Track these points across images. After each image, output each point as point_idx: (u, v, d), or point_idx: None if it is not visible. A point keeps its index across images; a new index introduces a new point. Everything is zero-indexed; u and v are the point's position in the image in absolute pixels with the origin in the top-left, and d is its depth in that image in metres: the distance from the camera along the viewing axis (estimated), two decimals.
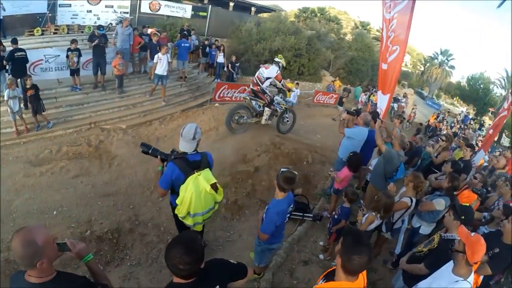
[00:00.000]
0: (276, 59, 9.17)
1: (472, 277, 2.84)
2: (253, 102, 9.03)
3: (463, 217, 3.53)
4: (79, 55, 10.03)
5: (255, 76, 9.08)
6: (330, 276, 2.37)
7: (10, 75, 8.72)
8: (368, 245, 2.16)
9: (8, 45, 9.18)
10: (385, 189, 5.60)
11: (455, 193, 4.91)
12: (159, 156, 3.85)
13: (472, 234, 2.85)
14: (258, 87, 8.90)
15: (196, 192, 3.52)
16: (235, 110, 9.20)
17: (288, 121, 10.07)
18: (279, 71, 9.02)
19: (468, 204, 4.15)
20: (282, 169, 3.62)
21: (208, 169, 3.72)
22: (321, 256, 5.28)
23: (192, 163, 3.65)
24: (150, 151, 3.91)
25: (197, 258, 1.94)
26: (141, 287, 4.57)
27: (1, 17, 11.67)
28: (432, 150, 7.47)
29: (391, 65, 6.73)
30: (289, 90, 10.15)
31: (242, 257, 5.14)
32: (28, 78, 8.45)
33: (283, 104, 9.37)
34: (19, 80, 8.78)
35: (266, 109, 9.15)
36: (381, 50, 7.28)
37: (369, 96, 19.56)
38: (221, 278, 2.26)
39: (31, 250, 1.83)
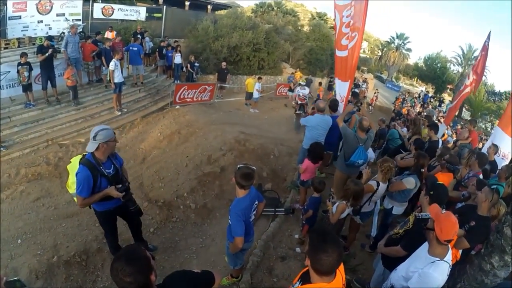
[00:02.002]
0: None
1: (449, 256, 2.75)
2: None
3: (431, 192, 3.46)
4: (30, 69, 9.37)
5: (298, 94, 13.39)
6: (305, 277, 2.22)
7: None
8: (335, 241, 2.02)
9: None
10: (344, 170, 5.61)
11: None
12: None
13: (443, 211, 2.77)
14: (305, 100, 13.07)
15: None
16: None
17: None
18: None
19: (441, 183, 4.11)
20: (238, 166, 3.47)
21: (78, 159, 3.73)
22: (298, 250, 5.17)
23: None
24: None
25: (141, 267, 1.78)
26: None
27: None
28: (406, 134, 7.55)
29: (350, 52, 6.74)
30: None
31: (218, 262, 4.98)
32: None
33: None
34: None
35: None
36: (335, 38, 7.30)
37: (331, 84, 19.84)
38: None
39: None
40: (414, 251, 3.07)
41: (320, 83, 19.15)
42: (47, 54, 9.60)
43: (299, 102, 13.77)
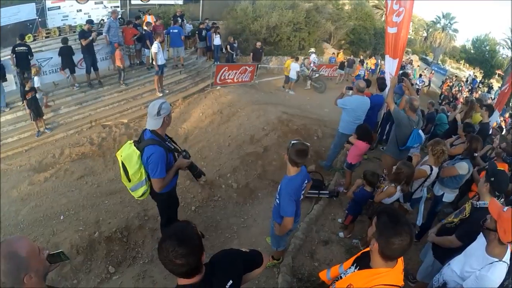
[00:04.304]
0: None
1: (508, 255, 2.55)
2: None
3: (492, 179, 3.20)
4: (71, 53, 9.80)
5: (314, 61, 16.32)
6: (362, 262, 2.11)
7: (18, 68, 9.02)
8: (408, 224, 1.86)
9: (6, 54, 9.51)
10: (397, 156, 5.35)
11: None
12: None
13: (505, 209, 2.52)
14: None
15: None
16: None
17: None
18: None
19: (502, 169, 3.81)
20: (292, 141, 3.20)
21: (131, 146, 3.40)
22: (341, 234, 5.04)
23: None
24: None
25: (194, 248, 1.64)
26: (156, 285, 4.31)
27: None
28: (459, 117, 7.13)
29: (399, 28, 6.46)
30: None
31: (258, 243, 4.96)
32: (27, 81, 8.28)
33: None
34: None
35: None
36: (386, 14, 7.06)
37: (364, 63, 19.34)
38: (233, 271, 1.96)
39: (14, 263, 1.54)
40: (470, 242, 2.86)
41: (361, 61, 18.52)
42: (90, 38, 9.88)
43: (314, 68, 15.82)
